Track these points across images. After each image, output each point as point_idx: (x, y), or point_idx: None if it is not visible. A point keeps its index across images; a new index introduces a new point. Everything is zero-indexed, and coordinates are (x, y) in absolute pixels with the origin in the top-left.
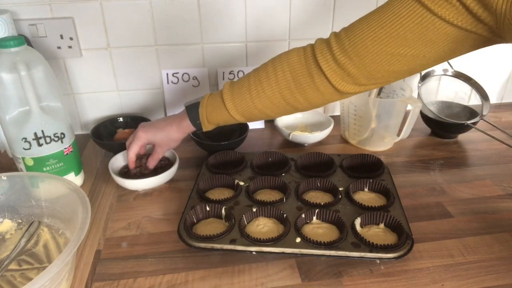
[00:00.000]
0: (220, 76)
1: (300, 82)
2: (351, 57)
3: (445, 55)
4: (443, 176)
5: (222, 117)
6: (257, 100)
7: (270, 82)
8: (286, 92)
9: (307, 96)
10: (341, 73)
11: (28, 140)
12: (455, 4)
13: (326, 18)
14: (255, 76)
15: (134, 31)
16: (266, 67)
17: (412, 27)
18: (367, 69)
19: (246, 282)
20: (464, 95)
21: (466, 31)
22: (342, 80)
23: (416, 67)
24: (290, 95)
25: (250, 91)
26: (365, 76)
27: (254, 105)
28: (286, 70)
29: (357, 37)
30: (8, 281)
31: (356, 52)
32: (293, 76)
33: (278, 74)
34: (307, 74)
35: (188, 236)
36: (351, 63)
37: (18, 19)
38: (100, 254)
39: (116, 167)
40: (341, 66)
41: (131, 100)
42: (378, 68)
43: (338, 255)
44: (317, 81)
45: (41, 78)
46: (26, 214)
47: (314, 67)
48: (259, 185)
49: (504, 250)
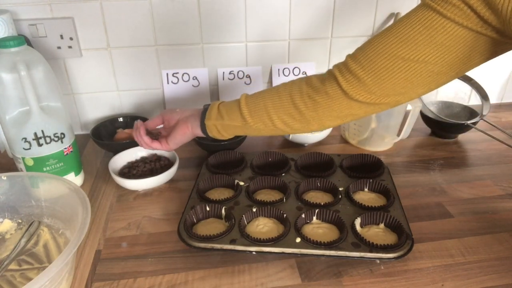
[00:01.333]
0: (220, 76)
1: (312, 84)
2: (361, 62)
3: (458, 61)
4: (443, 176)
5: (232, 120)
6: (269, 99)
7: (286, 86)
8: (296, 94)
9: (315, 99)
10: (351, 78)
11: (28, 140)
12: (462, 8)
13: (326, 18)
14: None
15: (134, 31)
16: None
17: (421, 30)
18: (377, 73)
19: (246, 282)
20: (464, 95)
21: (475, 33)
22: (353, 86)
23: (429, 76)
24: (300, 98)
25: (264, 93)
26: (376, 83)
27: (264, 103)
28: (302, 80)
29: (368, 45)
30: (8, 281)
31: (365, 56)
32: (307, 82)
33: (295, 82)
34: (319, 81)
35: (188, 236)
36: (360, 67)
37: (18, 19)
38: (100, 254)
39: (116, 167)
40: (351, 72)
41: (131, 100)
42: (390, 75)
43: (338, 255)
44: (327, 85)
45: (41, 78)
46: (26, 214)
47: (327, 76)
48: (259, 185)
49: (504, 250)
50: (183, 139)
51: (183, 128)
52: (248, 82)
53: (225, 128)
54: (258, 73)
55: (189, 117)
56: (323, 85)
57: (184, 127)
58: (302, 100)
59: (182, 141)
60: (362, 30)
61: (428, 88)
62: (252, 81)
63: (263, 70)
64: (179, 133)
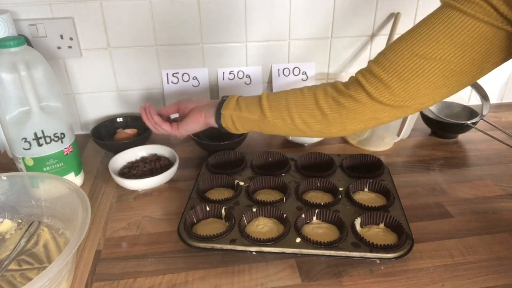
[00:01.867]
0: (220, 76)
1: (337, 88)
2: (383, 64)
3: (479, 58)
4: (443, 176)
5: (251, 113)
6: (292, 96)
7: (310, 87)
8: (321, 95)
9: (339, 101)
10: (375, 81)
11: (28, 140)
12: (482, 5)
13: (326, 18)
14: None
15: (134, 31)
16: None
17: (442, 28)
18: (400, 75)
19: (246, 282)
20: (464, 95)
21: (495, 27)
22: (377, 88)
23: (452, 75)
24: (324, 99)
25: (287, 91)
26: (399, 84)
27: (286, 100)
28: (327, 84)
29: (389, 48)
30: (8, 281)
31: (387, 58)
32: (332, 85)
33: (319, 85)
34: (344, 86)
35: (188, 236)
36: (383, 70)
37: (18, 19)
38: (100, 254)
39: (116, 167)
40: (374, 75)
41: (131, 100)
42: (413, 76)
43: (338, 255)
44: (351, 89)
45: (41, 78)
46: (26, 214)
47: (351, 81)
48: (259, 185)
49: (504, 250)
50: (194, 127)
51: (196, 116)
52: (248, 82)
53: (241, 120)
54: (258, 73)
55: (205, 106)
56: (348, 89)
57: (197, 115)
58: (326, 101)
59: (194, 129)
60: (362, 30)
61: (452, 88)
62: (252, 81)
63: (263, 70)
64: (192, 119)
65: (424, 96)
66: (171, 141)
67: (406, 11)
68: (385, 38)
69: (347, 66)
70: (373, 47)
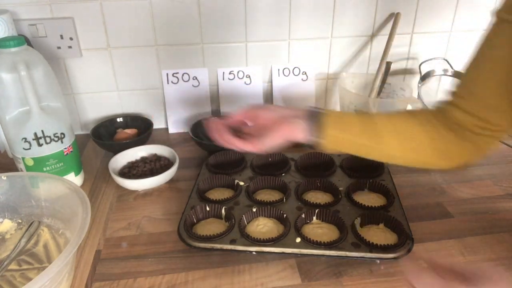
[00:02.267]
0: (220, 76)
1: (414, 113)
2: (463, 95)
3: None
4: (443, 176)
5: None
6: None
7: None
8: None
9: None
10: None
11: (28, 140)
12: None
13: (326, 18)
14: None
15: (134, 31)
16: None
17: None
18: (469, 78)
19: (246, 282)
20: None
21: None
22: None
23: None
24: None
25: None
26: (483, 111)
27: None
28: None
29: (463, 80)
30: (8, 281)
31: (464, 87)
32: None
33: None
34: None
35: (188, 236)
36: (464, 100)
37: (18, 19)
38: (100, 254)
39: (116, 167)
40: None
41: (131, 100)
42: (479, 76)
43: (338, 255)
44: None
45: (41, 78)
46: (26, 214)
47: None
48: (259, 185)
49: (504, 250)
50: (280, 141)
51: (284, 129)
52: (248, 82)
53: (347, 143)
54: (258, 73)
55: (291, 117)
56: (426, 108)
57: (286, 129)
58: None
59: (280, 144)
60: (362, 30)
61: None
62: (252, 81)
63: (263, 70)
64: (279, 134)
65: (493, 100)
66: (171, 141)
67: (406, 11)
68: (385, 38)
69: (347, 66)
70: (373, 47)
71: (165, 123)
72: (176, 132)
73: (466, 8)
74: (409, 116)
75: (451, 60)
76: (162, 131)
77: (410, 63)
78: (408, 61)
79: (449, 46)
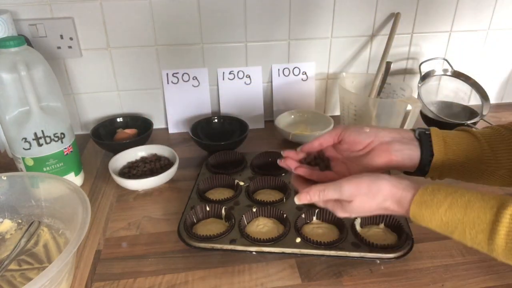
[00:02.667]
0: (220, 76)
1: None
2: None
3: None
4: None
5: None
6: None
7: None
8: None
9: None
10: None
11: (28, 140)
12: None
13: (326, 18)
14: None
15: (134, 31)
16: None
17: None
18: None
19: (246, 282)
20: (464, 95)
21: None
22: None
23: None
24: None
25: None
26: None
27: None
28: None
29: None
30: (8, 281)
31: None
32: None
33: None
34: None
35: (188, 236)
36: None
37: (18, 19)
38: (100, 254)
39: (116, 167)
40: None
41: (131, 100)
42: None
43: (338, 255)
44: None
45: (41, 78)
46: (26, 214)
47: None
48: (259, 185)
49: None
50: (382, 170)
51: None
52: (248, 82)
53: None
54: (258, 73)
55: (396, 143)
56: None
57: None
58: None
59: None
60: (362, 30)
61: None
62: (252, 81)
63: (263, 70)
64: (382, 161)
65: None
66: (171, 141)
67: (406, 11)
68: (385, 38)
69: (347, 66)
70: (373, 47)
71: (165, 123)
72: (176, 132)
73: (466, 8)
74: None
75: (451, 60)
76: (162, 131)
77: (410, 63)
78: (408, 61)
79: (449, 46)
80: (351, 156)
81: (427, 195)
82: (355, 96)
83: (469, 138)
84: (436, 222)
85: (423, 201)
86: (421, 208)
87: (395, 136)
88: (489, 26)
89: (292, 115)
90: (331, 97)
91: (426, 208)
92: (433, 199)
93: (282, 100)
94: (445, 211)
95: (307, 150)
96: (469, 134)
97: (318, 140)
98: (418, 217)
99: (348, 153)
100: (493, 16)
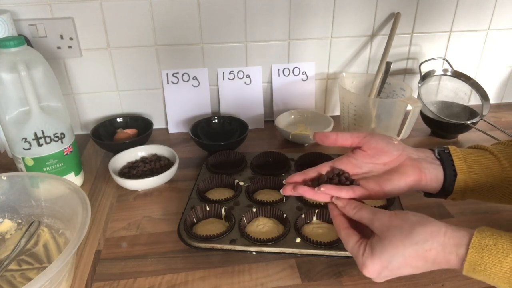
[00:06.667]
0: (220, 76)
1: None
2: None
3: None
4: None
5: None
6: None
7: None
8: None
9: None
10: None
11: (28, 140)
12: None
13: (326, 18)
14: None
15: (134, 31)
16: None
17: None
18: None
19: (246, 282)
20: (464, 95)
21: None
22: None
23: None
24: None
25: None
26: None
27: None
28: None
29: None
30: (8, 281)
31: None
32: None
33: None
34: None
35: (188, 236)
36: None
37: (18, 19)
38: (100, 254)
39: (116, 167)
40: None
41: (131, 100)
42: None
43: (338, 255)
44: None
45: (41, 78)
46: (26, 214)
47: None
48: (259, 185)
49: None
50: (405, 190)
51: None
52: (248, 82)
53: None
54: (258, 73)
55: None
56: None
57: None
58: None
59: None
60: (362, 30)
61: None
62: (252, 81)
63: (263, 70)
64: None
65: None
66: (171, 141)
67: (406, 11)
68: (385, 38)
69: (347, 66)
70: (373, 47)
71: (165, 123)
72: (176, 132)
73: (466, 8)
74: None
75: (451, 60)
76: (162, 131)
77: (410, 63)
78: (408, 61)
79: (449, 46)
80: (374, 170)
81: (488, 238)
82: (355, 96)
83: (487, 155)
84: (504, 273)
85: (484, 246)
86: (483, 255)
87: (420, 154)
88: (489, 26)
89: (292, 115)
90: (331, 97)
91: (489, 255)
92: (497, 244)
93: (282, 100)
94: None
95: (319, 139)
96: (486, 152)
97: (336, 134)
98: (478, 266)
99: (370, 165)
100: (493, 16)
